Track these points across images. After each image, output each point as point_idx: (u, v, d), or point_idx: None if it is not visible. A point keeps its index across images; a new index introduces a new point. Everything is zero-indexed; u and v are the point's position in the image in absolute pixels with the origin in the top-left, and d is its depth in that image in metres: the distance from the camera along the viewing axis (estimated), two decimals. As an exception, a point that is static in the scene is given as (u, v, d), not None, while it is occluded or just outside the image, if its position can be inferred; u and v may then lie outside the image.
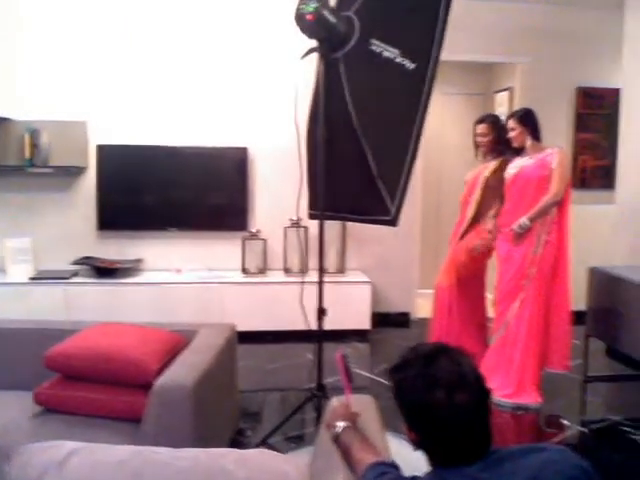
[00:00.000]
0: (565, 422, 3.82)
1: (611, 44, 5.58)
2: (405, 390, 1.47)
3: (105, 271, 5.10)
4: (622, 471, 3.20)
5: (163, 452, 1.56)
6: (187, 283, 5.14)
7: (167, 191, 5.37)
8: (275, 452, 1.70)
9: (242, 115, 5.42)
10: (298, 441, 3.43)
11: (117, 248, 5.36)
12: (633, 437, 3.59)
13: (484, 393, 1.46)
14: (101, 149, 5.23)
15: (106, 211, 5.29)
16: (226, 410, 3.20)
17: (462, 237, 4.56)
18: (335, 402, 2.06)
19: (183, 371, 2.55)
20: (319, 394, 3.27)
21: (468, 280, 4.53)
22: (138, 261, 5.34)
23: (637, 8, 4.89)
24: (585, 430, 3.74)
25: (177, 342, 2.89)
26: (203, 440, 2.51)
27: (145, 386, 2.51)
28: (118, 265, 5.16)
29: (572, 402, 4.26)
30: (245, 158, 5.40)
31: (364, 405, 2.09)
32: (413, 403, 1.44)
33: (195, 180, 5.39)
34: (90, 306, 4.85)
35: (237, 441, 3.38)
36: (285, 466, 1.55)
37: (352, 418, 1.84)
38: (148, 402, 2.43)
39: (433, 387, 1.40)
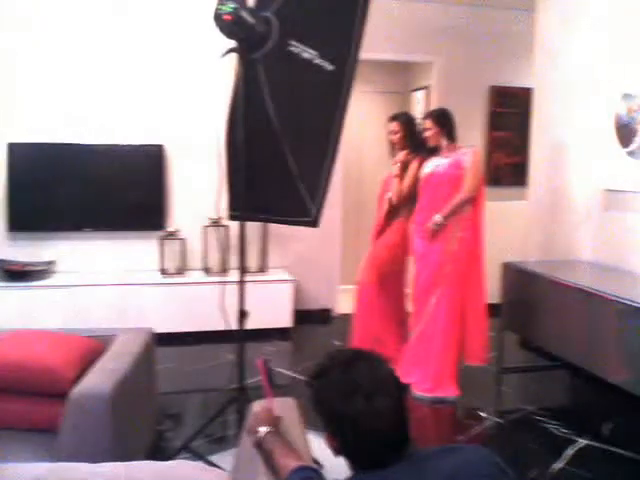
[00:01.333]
0: (482, 414, 3.93)
1: (523, 44, 5.77)
2: (325, 398, 1.47)
3: (16, 274, 4.89)
4: (537, 460, 3.32)
5: (80, 468, 1.52)
6: (103, 285, 4.99)
7: (81, 190, 5.18)
8: (194, 462, 1.68)
9: (158, 112, 5.29)
10: (220, 443, 3.41)
11: (29, 250, 5.13)
12: (546, 426, 3.74)
13: (402, 397, 1.48)
14: (12, 147, 5.00)
15: (17, 211, 5.07)
16: (146, 416, 3.13)
17: (380, 234, 4.65)
18: (257, 407, 2.05)
19: (100, 379, 2.47)
20: (240, 397, 3.24)
21: (389, 277, 4.60)
22: (51, 263, 5.15)
23: (548, 9, 5.07)
24: (501, 421, 3.87)
25: (93, 348, 2.81)
26: (123, 448, 2.45)
27: (61, 395, 2.42)
28: (29, 268, 4.96)
29: (489, 394, 4.40)
30: (161, 156, 5.29)
31: (286, 408, 2.09)
32: (333, 410, 1.45)
33: (110, 179, 5.23)
34: (0, 312, 4.64)
35: (158, 446, 3.33)
36: (205, 476, 1.54)
37: (274, 422, 1.84)
38: (64, 412, 2.35)
39: (353, 394, 1.41)
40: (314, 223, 3.29)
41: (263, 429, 1.78)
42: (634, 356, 3.32)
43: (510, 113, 6.35)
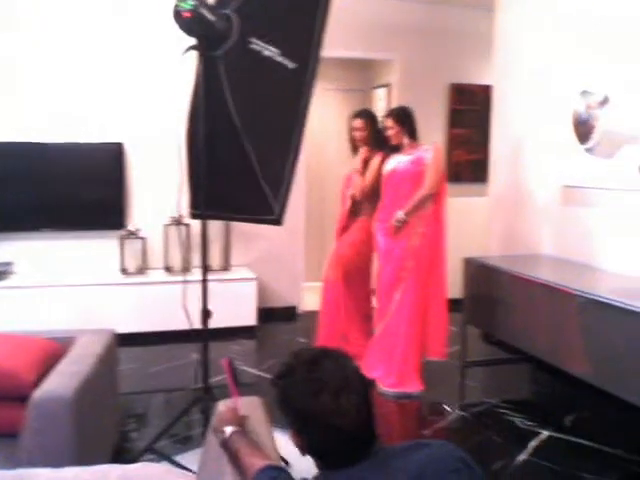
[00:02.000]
0: (446, 408, 3.97)
1: (482, 42, 5.83)
2: (291, 397, 1.46)
3: (-28, 276, 4.80)
4: (501, 452, 3.37)
5: (43, 473, 1.49)
6: (63, 286, 4.90)
7: (39, 190, 5.07)
8: (160, 464, 1.66)
9: (118, 111, 5.21)
10: (185, 442, 3.38)
11: (-15, 251, 5.04)
12: (510, 419, 3.80)
13: (368, 394, 1.48)
14: (-34, 146, 4.89)
15: (-28, 212, 4.96)
16: (109, 417, 3.09)
17: (343, 231, 4.66)
18: (222, 406, 2.03)
19: (62, 381, 2.43)
20: (205, 396, 3.22)
21: (354, 274, 4.62)
22: (9, 264, 5.04)
23: (507, 8, 5.13)
24: (465, 414, 3.91)
25: (54, 351, 2.76)
26: (86, 451, 2.42)
27: (22, 399, 2.37)
28: (-14, 269, 4.87)
29: (452, 387, 4.44)
30: (120, 154, 5.21)
31: (252, 407, 2.08)
32: (299, 409, 1.44)
33: (68, 178, 5.13)
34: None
35: (123, 447, 3.29)
36: (171, 478, 1.52)
37: (240, 422, 1.82)
38: (26, 416, 2.30)
39: (319, 392, 1.41)
40: (278, 221, 3.29)
41: (229, 429, 1.76)
42: (595, 349, 3.39)
43: (470, 110, 6.41)
